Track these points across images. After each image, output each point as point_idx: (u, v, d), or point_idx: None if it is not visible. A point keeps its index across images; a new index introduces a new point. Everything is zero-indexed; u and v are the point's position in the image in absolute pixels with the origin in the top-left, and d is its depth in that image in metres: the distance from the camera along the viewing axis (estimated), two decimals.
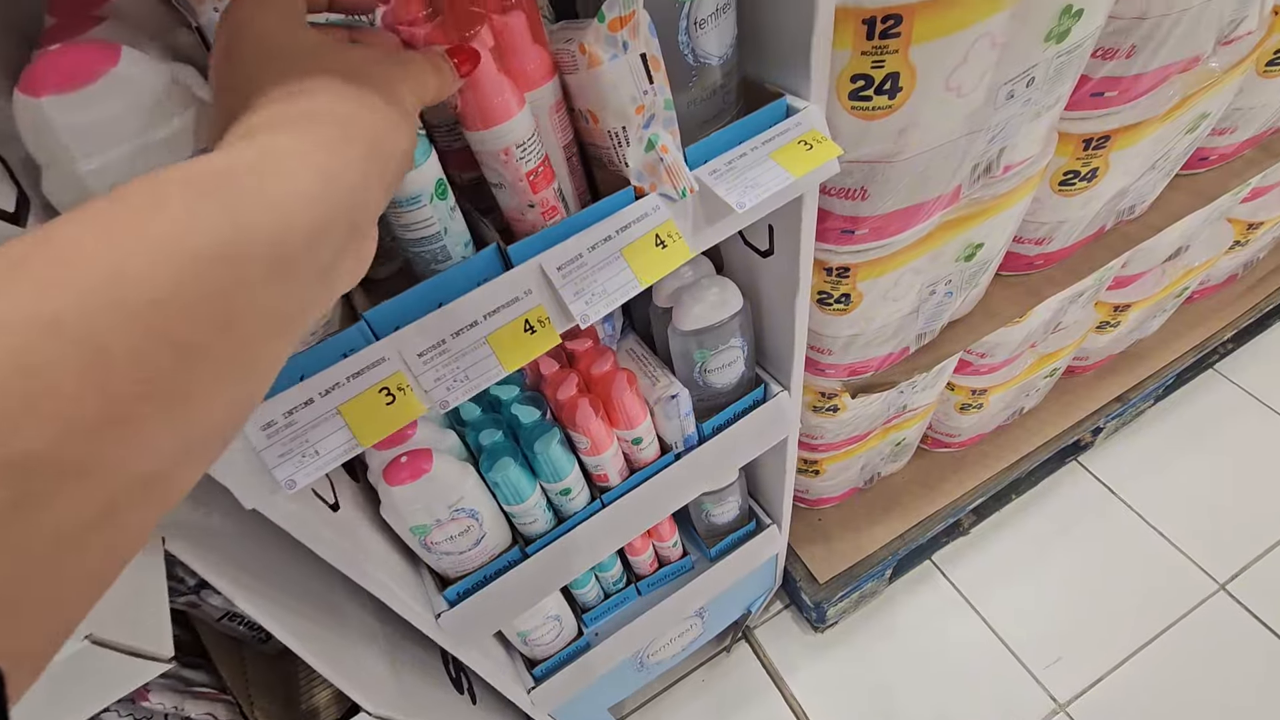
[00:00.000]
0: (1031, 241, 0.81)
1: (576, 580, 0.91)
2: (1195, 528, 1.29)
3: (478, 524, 0.64)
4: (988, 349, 0.99)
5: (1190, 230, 1.02)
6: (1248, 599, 1.20)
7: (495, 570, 0.68)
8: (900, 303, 0.71)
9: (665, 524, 0.94)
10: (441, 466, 0.58)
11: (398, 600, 0.60)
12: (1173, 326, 1.33)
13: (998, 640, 1.23)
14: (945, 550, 1.34)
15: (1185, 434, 1.40)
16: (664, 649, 1.11)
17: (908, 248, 0.64)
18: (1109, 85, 0.64)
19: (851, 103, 0.50)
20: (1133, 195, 0.82)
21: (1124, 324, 1.16)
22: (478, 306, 0.40)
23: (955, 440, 1.22)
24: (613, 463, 0.70)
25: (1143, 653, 1.18)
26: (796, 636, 1.29)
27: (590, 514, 0.71)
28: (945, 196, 0.60)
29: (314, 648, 0.56)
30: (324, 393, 0.36)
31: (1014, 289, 0.85)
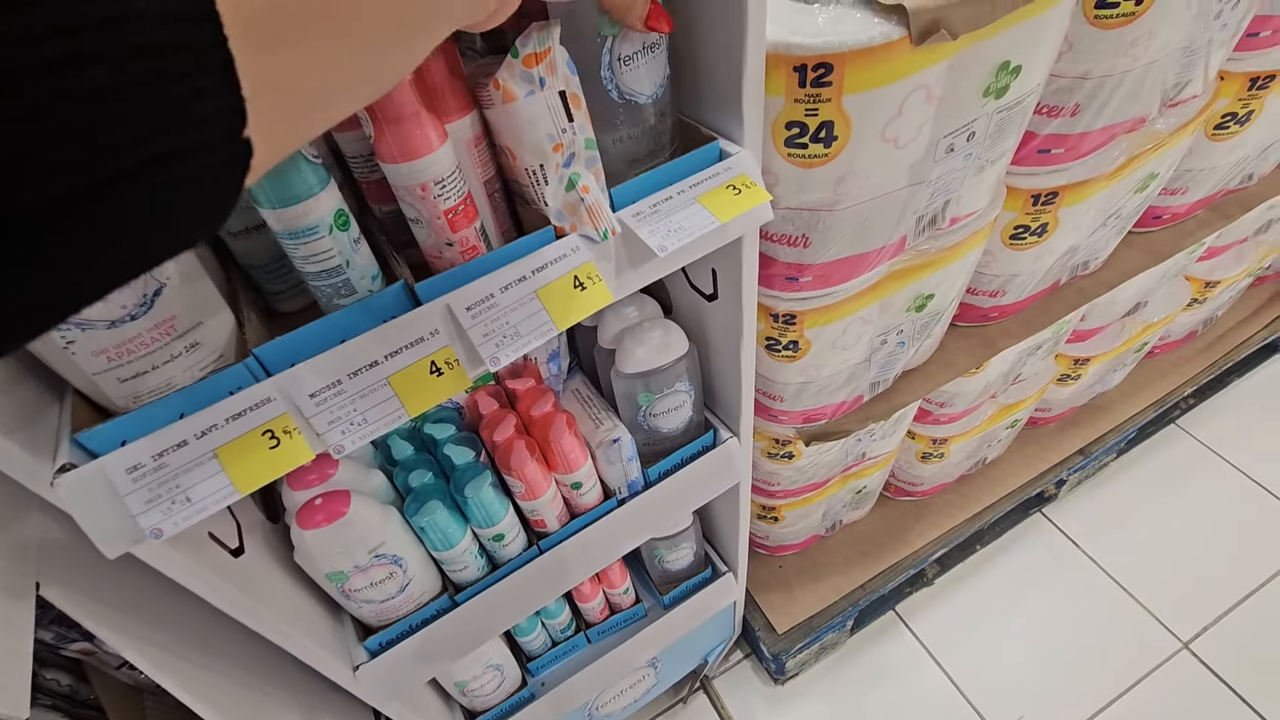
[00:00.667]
0: (985, 293, 0.81)
1: (521, 627, 0.87)
2: (1158, 583, 1.27)
3: (401, 570, 0.60)
4: (947, 399, 0.98)
5: (1146, 287, 1.03)
6: (1211, 659, 1.18)
7: (422, 619, 0.65)
8: (850, 351, 0.70)
9: (616, 569, 0.91)
10: (360, 510, 0.55)
11: (308, 652, 0.56)
12: (1134, 380, 1.34)
13: (960, 696, 1.20)
14: (909, 601, 1.31)
15: (1148, 488, 1.40)
16: (615, 700, 1.07)
17: (854, 296, 0.63)
18: (1055, 142, 0.65)
19: (788, 149, 0.50)
20: (1085, 251, 0.82)
21: (1085, 377, 1.16)
22: (379, 345, 0.38)
23: (918, 489, 1.20)
24: (550, 507, 0.67)
25: (1105, 713, 1.15)
26: (756, 688, 1.25)
27: (527, 560, 0.68)
28: (890, 247, 0.60)
29: (214, 703, 0.52)
30: (200, 434, 0.34)
31: (970, 340, 0.84)
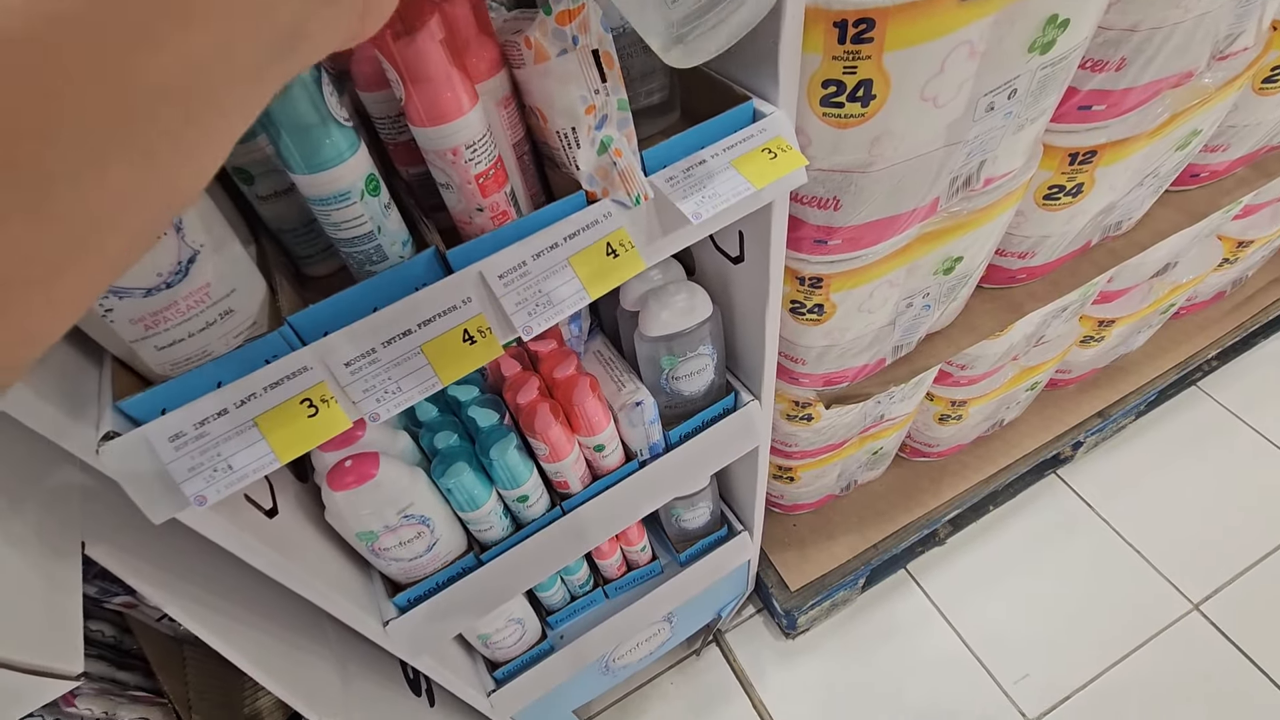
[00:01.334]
0: (1014, 255, 0.79)
1: (541, 583, 0.89)
2: (1171, 546, 1.28)
3: (429, 530, 0.62)
4: (968, 361, 0.97)
5: (1178, 247, 1.00)
6: (1221, 620, 1.19)
7: (449, 577, 0.66)
8: (875, 315, 0.69)
9: (634, 528, 0.92)
10: (389, 471, 0.56)
11: (340, 608, 0.58)
12: (1158, 342, 1.32)
13: (969, 653, 1.22)
14: (920, 560, 1.33)
15: (1165, 451, 1.39)
16: (631, 653, 1.10)
17: (883, 260, 0.62)
18: (1097, 98, 0.62)
19: (823, 109, 0.48)
20: (1120, 211, 0.80)
21: (1108, 339, 1.15)
22: (412, 314, 0.37)
23: (934, 450, 1.21)
24: (573, 470, 0.68)
25: (1112, 671, 1.17)
26: (767, 642, 1.28)
27: (550, 521, 0.69)
28: (922, 209, 0.58)
29: (250, 654, 0.54)
30: (239, 403, 0.34)
31: (995, 302, 0.83)
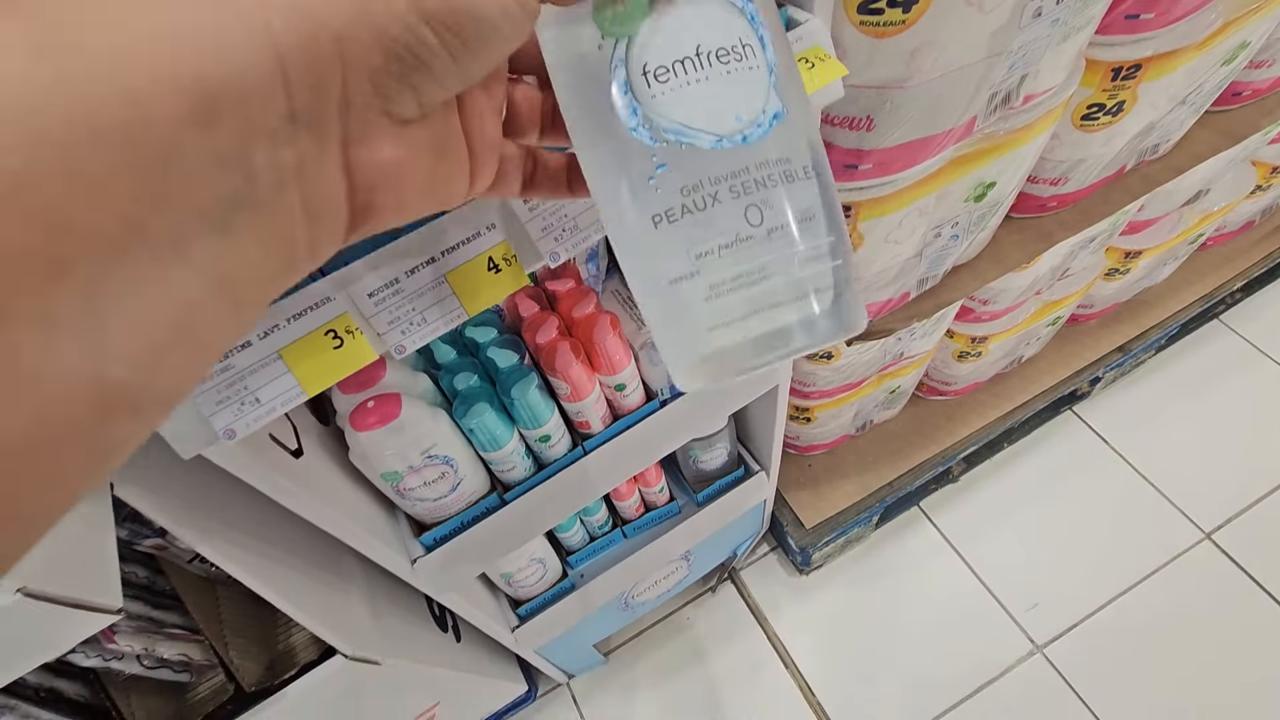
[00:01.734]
0: (1046, 181, 0.76)
1: (561, 524, 0.90)
2: (1186, 478, 1.28)
3: (453, 470, 0.61)
4: (991, 295, 0.95)
5: (1213, 173, 0.96)
6: (1232, 548, 1.21)
7: (473, 517, 0.66)
8: (903, 246, 0.67)
9: (652, 469, 0.92)
10: (411, 412, 0.55)
11: (371, 547, 0.58)
12: (1182, 275, 1.29)
13: (980, 584, 1.24)
14: (933, 497, 1.34)
15: (1185, 385, 1.38)
16: (649, 590, 1.12)
17: (914, 185, 0.59)
18: (1146, 5, 0.58)
19: (860, 16, 0.45)
20: (1158, 133, 0.76)
21: (1133, 271, 1.12)
22: (435, 241, 0.36)
23: (951, 388, 1.20)
24: (595, 409, 0.67)
25: (1122, 599, 1.19)
26: (781, 579, 1.30)
27: (571, 461, 0.69)
28: (958, 129, 0.55)
29: (283, 591, 0.55)
30: (262, 335, 0.33)
31: (1024, 233, 0.80)
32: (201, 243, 0.13)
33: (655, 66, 0.21)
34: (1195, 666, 1.11)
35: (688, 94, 0.21)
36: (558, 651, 1.09)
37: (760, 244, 0.21)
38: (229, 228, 0.14)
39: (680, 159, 0.21)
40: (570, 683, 1.24)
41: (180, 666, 0.62)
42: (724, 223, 0.21)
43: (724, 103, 0.21)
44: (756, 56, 0.22)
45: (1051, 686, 1.14)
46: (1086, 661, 1.15)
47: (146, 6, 0.12)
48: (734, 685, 1.21)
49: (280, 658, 0.66)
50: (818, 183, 0.23)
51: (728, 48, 0.21)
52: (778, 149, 0.22)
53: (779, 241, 0.21)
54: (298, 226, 0.16)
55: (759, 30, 0.22)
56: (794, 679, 1.20)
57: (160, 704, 0.63)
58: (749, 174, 0.21)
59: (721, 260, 0.21)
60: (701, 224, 0.21)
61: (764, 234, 0.21)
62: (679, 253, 0.21)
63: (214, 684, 0.66)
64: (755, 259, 0.21)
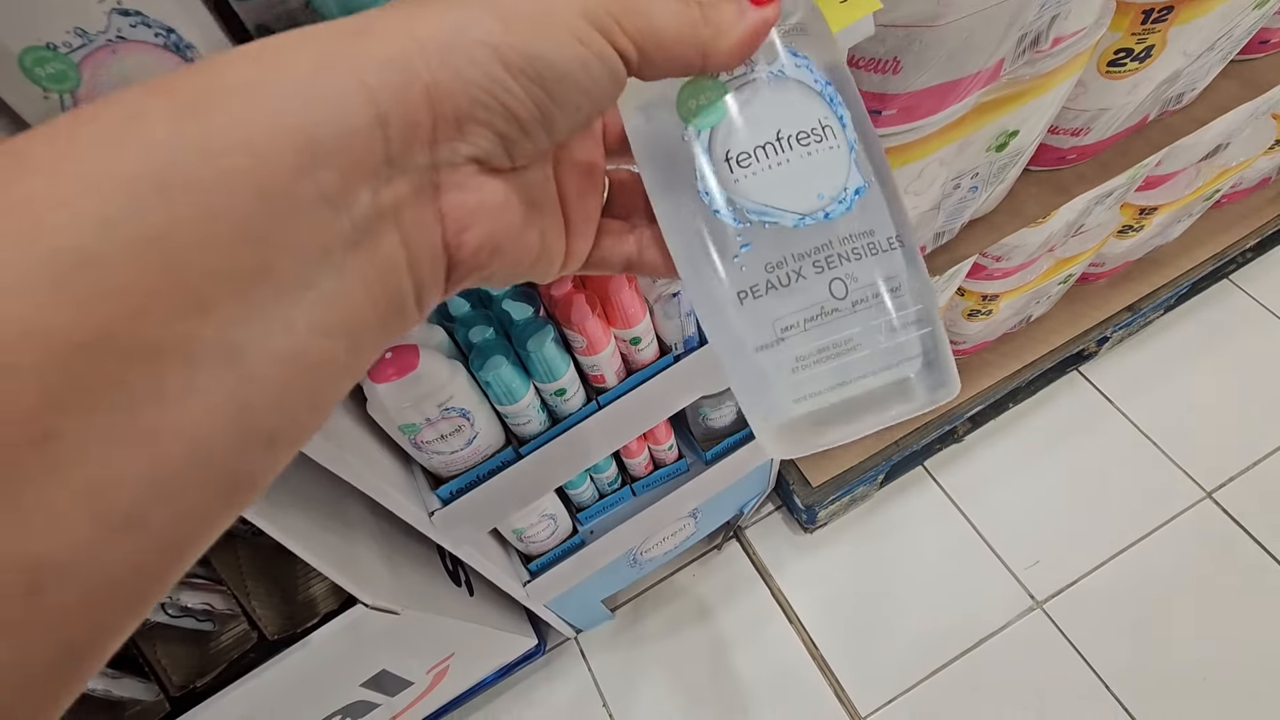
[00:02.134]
0: (1067, 132, 0.75)
1: (571, 481, 0.90)
2: (1190, 439, 1.29)
3: (469, 424, 0.61)
4: (1005, 252, 0.94)
5: (1234, 126, 0.95)
6: (1233, 507, 1.22)
7: (489, 470, 0.67)
8: (921, 198, 0.66)
9: (661, 427, 0.93)
10: (429, 364, 0.55)
11: (391, 499, 0.58)
12: (1194, 233, 1.28)
13: (982, 542, 1.26)
14: (938, 457, 1.35)
15: (1192, 345, 1.38)
16: (657, 546, 1.13)
17: (937, 133, 0.58)
18: None
19: None
20: (1184, 81, 0.75)
21: (1147, 228, 1.11)
22: None
23: (959, 347, 1.20)
24: (610, 363, 0.67)
25: (1122, 556, 1.21)
26: (786, 536, 1.32)
27: (586, 415, 0.69)
28: (985, 73, 0.54)
29: (305, 542, 0.55)
30: None
31: (1042, 186, 0.79)
32: (320, 284, 0.15)
33: (738, 153, 0.22)
34: (1193, 624, 1.14)
35: (770, 177, 0.22)
36: (567, 606, 1.11)
37: (846, 317, 0.22)
38: (342, 269, 0.15)
39: (764, 237, 0.22)
40: (578, 637, 1.27)
41: (203, 615, 0.63)
42: (808, 297, 0.22)
43: (806, 182, 0.22)
44: (836, 136, 0.22)
45: (1051, 641, 1.16)
46: (1085, 617, 1.17)
47: (261, 78, 0.14)
48: (739, 640, 1.24)
49: (300, 609, 0.67)
50: (903, 252, 0.23)
51: (807, 130, 0.22)
52: (861, 223, 0.22)
53: (865, 313, 0.22)
54: (401, 270, 0.17)
55: (838, 110, 0.22)
56: (798, 633, 1.23)
57: (184, 652, 0.65)
58: (832, 249, 0.22)
59: (807, 333, 0.22)
60: (786, 299, 0.22)
61: (849, 306, 0.22)
62: (764, 327, 0.22)
63: (236, 633, 0.67)
64: (841, 331, 0.22)
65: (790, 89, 0.22)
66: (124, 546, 0.13)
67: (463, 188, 0.18)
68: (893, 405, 0.22)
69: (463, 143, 0.17)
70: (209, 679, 0.61)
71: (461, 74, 0.16)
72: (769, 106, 0.22)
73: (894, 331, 0.22)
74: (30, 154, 0.13)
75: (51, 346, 0.11)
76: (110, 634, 0.13)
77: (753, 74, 0.22)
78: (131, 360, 0.12)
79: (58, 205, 0.12)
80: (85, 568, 0.12)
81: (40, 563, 0.11)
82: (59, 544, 0.12)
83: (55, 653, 0.12)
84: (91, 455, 0.12)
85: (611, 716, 1.20)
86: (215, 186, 0.13)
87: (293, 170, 0.14)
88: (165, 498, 0.13)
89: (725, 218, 0.22)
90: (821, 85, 0.22)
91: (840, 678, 1.18)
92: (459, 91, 0.16)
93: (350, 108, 0.15)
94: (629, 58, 0.19)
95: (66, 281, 0.12)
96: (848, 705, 1.16)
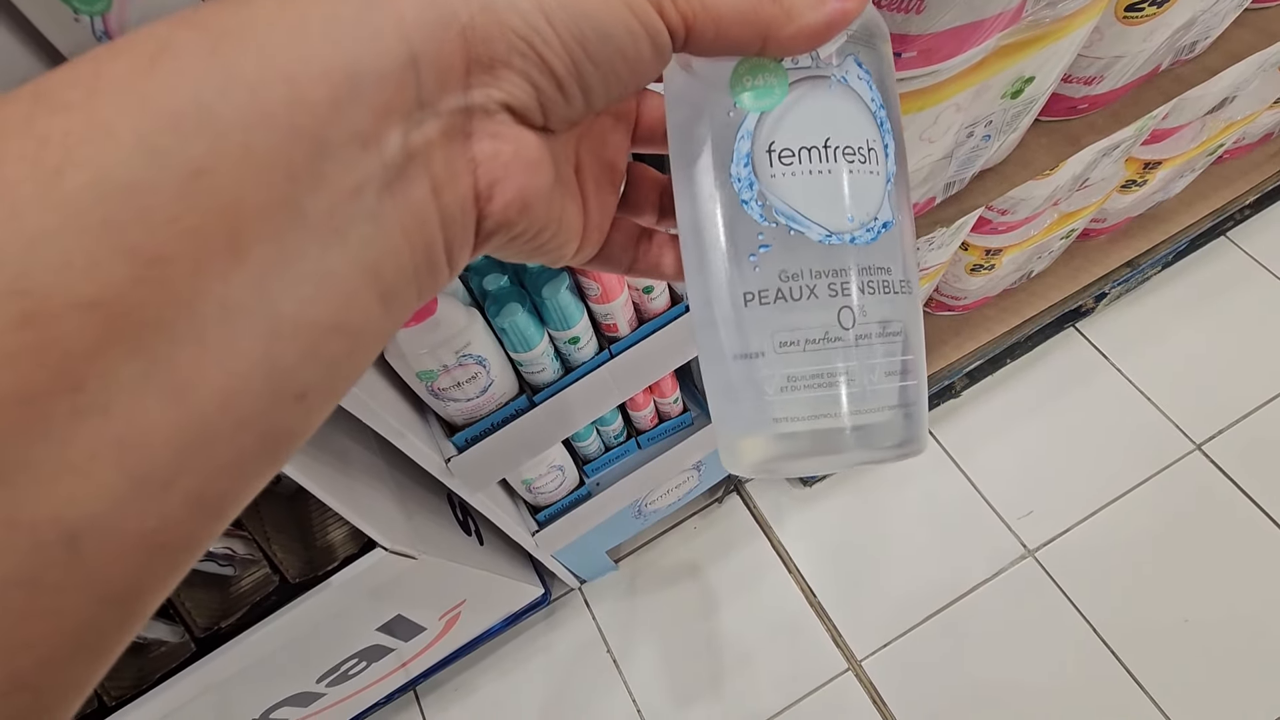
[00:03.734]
0: (1080, 81, 0.74)
1: (578, 433, 0.91)
2: (1183, 394, 1.32)
3: (485, 371, 0.62)
4: (1010, 205, 0.94)
5: (1241, 78, 0.94)
6: (1221, 459, 1.25)
7: (503, 418, 0.68)
8: (936, 145, 0.66)
9: (668, 379, 0.93)
10: (447, 310, 0.55)
11: (411, 446, 0.59)
12: (1196, 189, 1.28)
13: (976, 493, 1.29)
14: (936, 411, 1.37)
15: (1188, 301, 1.40)
16: (661, 499, 1.16)
17: (956, 77, 0.57)
18: None
19: None
20: (1198, 28, 0.74)
21: (1150, 183, 1.11)
22: None
23: (960, 304, 1.20)
24: (622, 311, 0.67)
25: (1112, 506, 1.25)
26: (785, 490, 1.35)
27: (599, 364, 0.70)
28: (1007, 14, 0.53)
29: (328, 487, 0.56)
30: None
31: (1052, 136, 0.79)
32: (352, 227, 0.14)
33: (782, 148, 0.20)
34: (1181, 572, 1.18)
35: (808, 182, 0.20)
36: (572, 557, 1.13)
37: (847, 348, 0.21)
38: (375, 215, 0.15)
39: (786, 243, 0.21)
40: (582, 588, 1.30)
41: (224, 560, 0.65)
42: (816, 317, 0.21)
43: (841, 200, 0.21)
44: (879, 163, 0.21)
45: (1042, 588, 1.20)
46: (1076, 565, 1.21)
47: (296, 6, 0.14)
48: (739, 589, 1.27)
49: (319, 554, 0.69)
50: (911, 299, 0.22)
51: (855, 147, 0.21)
52: (882, 257, 0.21)
53: (864, 350, 0.21)
54: (433, 222, 0.16)
55: (885, 137, 0.22)
56: (796, 582, 1.26)
57: (206, 596, 0.66)
58: (849, 275, 0.21)
59: (806, 355, 0.21)
60: (793, 313, 0.21)
61: (852, 339, 0.21)
62: (763, 336, 0.21)
63: (257, 577, 0.68)
64: (839, 361, 0.21)
65: (849, 99, 0.21)
66: (158, 501, 0.12)
67: (496, 136, 0.17)
68: (859, 451, 0.21)
69: (495, 88, 0.16)
70: (233, 620, 0.63)
71: (501, 18, 0.15)
72: (825, 109, 0.21)
73: (886, 376, 0.21)
74: (58, 93, 0.12)
75: (92, 291, 0.11)
76: (151, 589, 0.13)
77: (818, 69, 0.20)
78: (171, 307, 0.12)
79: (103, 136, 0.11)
80: (121, 523, 0.12)
81: (76, 518, 0.11)
82: (94, 499, 0.11)
83: (96, 609, 0.12)
84: (125, 408, 0.11)
85: (616, 663, 1.24)
86: (252, 121, 0.13)
87: (327, 106, 0.13)
88: (198, 453, 0.12)
89: (752, 211, 0.21)
90: (876, 106, 0.21)
91: (838, 624, 1.22)
92: (496, 36, 0.15)
93: (385, 43, 0.14)
94: (676, 33, 0.17)
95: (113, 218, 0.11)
96: (845, 650, 1.20)
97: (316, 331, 0.14)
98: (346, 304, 0.14)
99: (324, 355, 0.14)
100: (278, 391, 0.14)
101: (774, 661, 1.21)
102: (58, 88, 0.12)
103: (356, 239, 0.14)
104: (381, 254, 0.15)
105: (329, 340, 0.14)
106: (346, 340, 0.15)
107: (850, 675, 1.19)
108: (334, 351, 0.14)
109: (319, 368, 0.14)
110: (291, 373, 0.14)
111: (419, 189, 0.16)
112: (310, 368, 0.14)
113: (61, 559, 0.11)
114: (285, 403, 0.14)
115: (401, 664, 1.02)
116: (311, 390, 0.14)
